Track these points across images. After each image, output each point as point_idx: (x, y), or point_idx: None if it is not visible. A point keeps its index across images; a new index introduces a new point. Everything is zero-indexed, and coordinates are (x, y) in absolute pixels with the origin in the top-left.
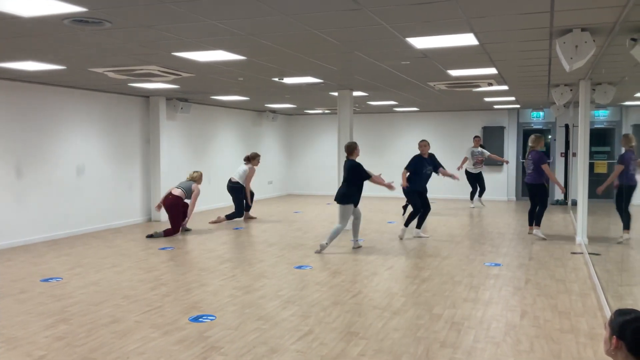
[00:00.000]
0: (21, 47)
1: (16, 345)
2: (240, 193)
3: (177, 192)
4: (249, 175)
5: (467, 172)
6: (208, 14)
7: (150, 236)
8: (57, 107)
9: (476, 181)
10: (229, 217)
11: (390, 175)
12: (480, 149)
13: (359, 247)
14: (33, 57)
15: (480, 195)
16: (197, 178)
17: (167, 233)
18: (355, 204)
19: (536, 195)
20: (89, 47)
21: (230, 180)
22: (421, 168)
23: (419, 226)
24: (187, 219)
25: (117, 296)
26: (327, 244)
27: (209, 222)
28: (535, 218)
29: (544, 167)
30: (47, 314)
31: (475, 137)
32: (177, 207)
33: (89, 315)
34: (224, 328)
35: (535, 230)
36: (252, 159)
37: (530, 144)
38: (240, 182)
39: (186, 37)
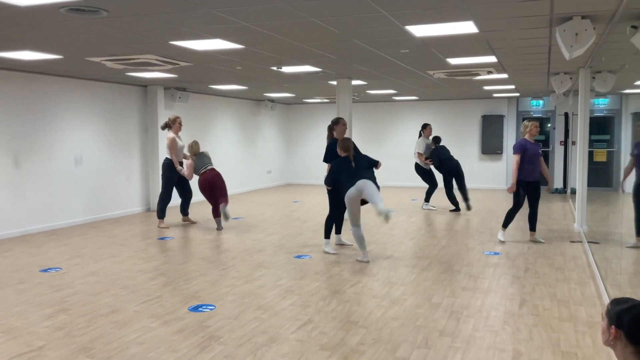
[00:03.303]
0: (18, 36)
1: (16, 336)
2: (167, 170)
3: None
4: (169, 145)
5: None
6: (205, 2)
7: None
8: (55, 96)
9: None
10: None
11: (389, 165)
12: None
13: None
14: (30, 47)
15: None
16: (169, 122)
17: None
18: (346, 191)
19: (530, 193)
20: (85, 36)
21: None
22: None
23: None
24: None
25: (116, 286)
26: (360, 247)
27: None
28: (531, 221)
29: (514, 157)
30: (46, 304)
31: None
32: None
33: (89, 305)
34: (223, 317)
35: (502, 235)
36: (171, 123)
37: (520, 129)
38: (167, 156)
39: (183, 25)
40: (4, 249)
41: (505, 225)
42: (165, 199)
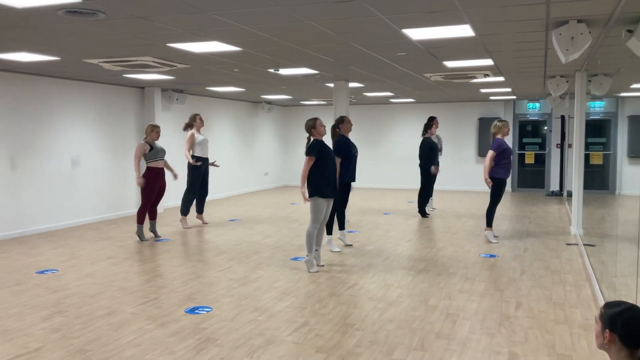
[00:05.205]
0: (15, 38)
1: (12, 337)
2: (191, 168)
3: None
4: (187, 140)
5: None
6: (202, 5)
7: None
8: (52, 98)
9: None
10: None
11: (386, 168)
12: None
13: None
14: (27, 48)
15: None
16: (190, 121)
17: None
18: (325, 195)
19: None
20: (83, 38)
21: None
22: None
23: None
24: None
25: (112, 288)
26: (307, 255)
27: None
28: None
29: (488, 153)
30: (42, 306)
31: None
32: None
33: (85, 307)
34: (219, 319)
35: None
36: (192, 121)
37: (492, 130)
38: (196, 155)
39: (181, 28)
40: (0, 250)
41: (490, 224)
42: (189, 197)
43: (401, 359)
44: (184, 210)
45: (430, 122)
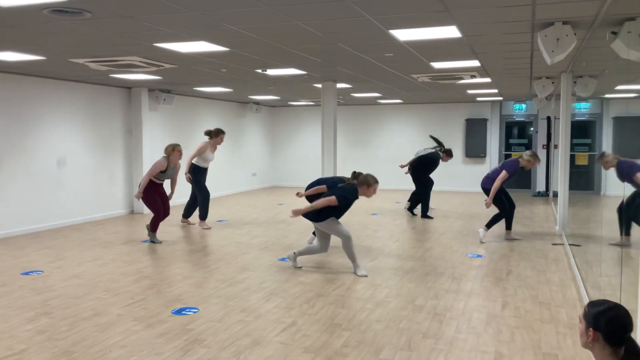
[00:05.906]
0: (0, 37)
1: None
2: (195, 174)
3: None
4: (199, 148)
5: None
6: (189, 4)
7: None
8: (38, 98)
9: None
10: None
11: (374, 168)
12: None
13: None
14: (12, 48)
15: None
16: (213, 133)
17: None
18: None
19: (506, 195)
20: (69, 38)
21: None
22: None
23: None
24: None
25: (99, 289)
26: (355, 265)
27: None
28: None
29: (502, 174)
30: (28, 308)
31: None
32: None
33: (71, 308)
34: (207, 320)
35: (481, 230)
36: (214, 135)
37: (521, 159)
38: (193, 162)
39: (168, 27)
40: None
41: (490, 226)
42: (205, 202)
43: (388, 359)
44: (202, 215)
45: (447, 150)
